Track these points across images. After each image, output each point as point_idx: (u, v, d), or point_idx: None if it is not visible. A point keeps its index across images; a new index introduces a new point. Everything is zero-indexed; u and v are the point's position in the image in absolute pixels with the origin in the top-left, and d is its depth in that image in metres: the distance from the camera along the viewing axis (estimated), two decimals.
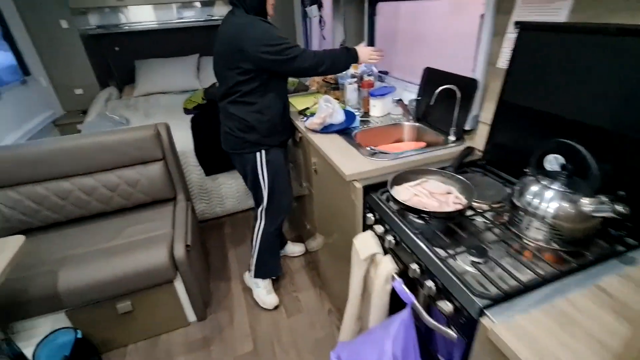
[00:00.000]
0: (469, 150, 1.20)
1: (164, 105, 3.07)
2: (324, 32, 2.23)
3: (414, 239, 0.90)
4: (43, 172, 1.64)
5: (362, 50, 1.46)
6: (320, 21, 2.13)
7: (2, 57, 2.51)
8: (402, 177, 1.09)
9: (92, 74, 3.04)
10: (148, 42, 3.51)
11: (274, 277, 1.92)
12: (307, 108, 1.79)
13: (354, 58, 1.45)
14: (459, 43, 1.51)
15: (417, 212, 0.94)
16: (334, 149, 1.34)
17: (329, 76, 2.14)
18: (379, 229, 1.03)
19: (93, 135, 1.72)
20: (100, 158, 1.71)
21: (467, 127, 1.32)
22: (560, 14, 0.91)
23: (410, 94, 1.67)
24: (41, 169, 1.63)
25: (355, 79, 1.82)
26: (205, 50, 3.57)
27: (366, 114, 1.70)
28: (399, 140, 1.60)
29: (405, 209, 0.97)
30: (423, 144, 1.46)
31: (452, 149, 1.27)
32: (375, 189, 1.13)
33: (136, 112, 2.92)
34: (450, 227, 0.91)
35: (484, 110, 1.19)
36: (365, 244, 1.05)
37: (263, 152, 1.55)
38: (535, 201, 0.84)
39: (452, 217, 0.92)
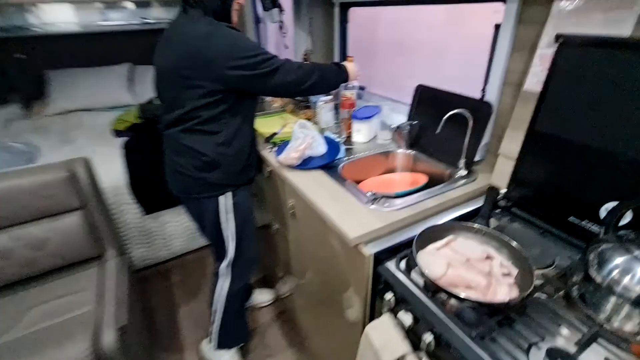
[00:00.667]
0: (495, 192, 0.97)
1: (87, 125, 2.50)
2: (286, 40, 1.92)
3: (466, 343, 0.62)
4: None
5: (351, 67, 1.21)
6: (281, 27, 1.82)
7: None
8: (426, 236, 0.81)
9: None
10: (64, 49, 2.88)
11: (242, 344, 1.54)
12: (275, 134, 1.45)
13: (344, 77, 1.20)
14: (460, 57, 1.29)
15: (464, 299, 0.67)
16: (321, 194, 1.03)
17: None
18: (406, 318, 0.73)
19: None
20: None
21: (477, 158, 1.10)
22: (622, 27, 0.71)
23: (395, 115, 1.42)
24: None
25: (330, 97, 1.53)
26: (139, 59, 3.04)
27: (348, 139, 1.42)
28: (390, 171, 1.34)
29: (442, 291, 0.69)
30: (423, 177, 1.21)
31: (465, 187, 1.04)
32: (388, 253, 0.84)
33: (49, 136, 2.33)
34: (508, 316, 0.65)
35: (506, 141, 0.97)
36: (387, 338, 0.75)
37: (229, 194, 1.20)
38: (625, 278, 0.62)
39: (511, 307, 0.66)
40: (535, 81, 0.87)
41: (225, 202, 1.20)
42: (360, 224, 0.87)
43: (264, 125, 1.58)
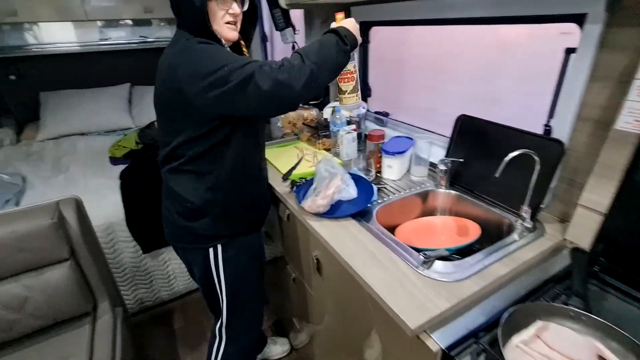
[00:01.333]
0: (583, 257, 0.78)
1: (82, 151, 2.33)
2: None
3: None
4: None
5: (349, 24, 0.87)
6: (293, 47, 1.67)
7: None
8: (509, 324, 0.62)
9: None
10: (60, 69, 2.74)
11: None
12: (292, 169, 1.28)
13: (350, 41, 0.85)
14: (508, 85, 1.12)
15: None
16: (357, 252, 0.85)
17: (308, 117, 1.66)
18: None
19: None
20: None
21: (543, 205, 0.92)
22: None
23: (426, 146, 1.24)
24: None
25: (352, 126, 1.36)
26: (139, 79, 2.89)
27: (377, 175, 1.24)
28: (428, 213, 1.16)
29: None
30: (472, 224, 1.02)
31: (536, 244, 0.85)
32: (457, 344, 0.65)
33: (40, 163, 2.15)
34: None
35: (590, 191, 0.79)
36: None
37: (219, 247, 1.01)
38: None
39: None
40: (632, 119, 0.70)
41: (214, 256, 1.02)
42: (418, 303, 0.68)
43: (276, 157, 1.40)
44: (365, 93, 1.60)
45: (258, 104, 0.79)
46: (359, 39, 0.90)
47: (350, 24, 0.87)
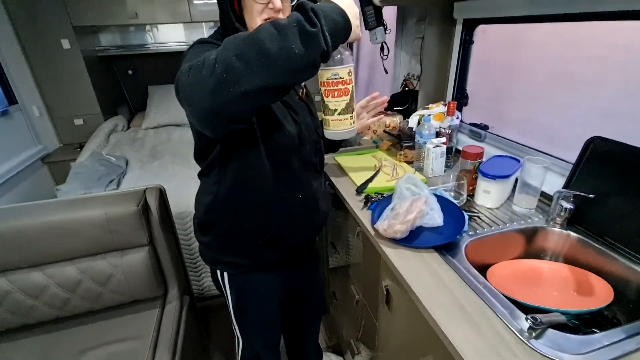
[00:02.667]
0: None
1: (175, 141, 2.55)
2: (387, 63, 1.63)
3: None
4: None
5: (344, 1, 0.60)
6: (382, 49, 1.54)
7: None
8: None
9: (96, 101, 2.57)
10: (167, 65, 3.06)
11: None
12: (369, 181, 1.16)
13: (318, 20, 0.54)
14: None
15: None
16: (437, 296, 0.69)
17: (391, 124, 1.52)
18: None
19: (48, 211, 1.15)
20: (52, 246, 1.13)
21: None
22: None
23: (543, 173, 0.99)
24: None
25: (442, 139, 1.18)
26: None
27: (468, 200, 1.05)
28: (533, 254, 0.93)
29: None
30: (598, 281, 0.78)
31: None
32: None
33: (141, 149, 2.41)
34: None
35: None
36: None
37: (225, 275, 0.93)
38: None
39: None
40: None
41: (222, 278, 0.94)
42: None
43: (351, 166, 1.30)
44: (461, 101, 1.39)
45: (183, 105, 0.60)
46: (355, 29, 0.60)
47: (346, 4, 0.59)
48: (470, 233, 0.89)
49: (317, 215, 0.94)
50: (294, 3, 0.75)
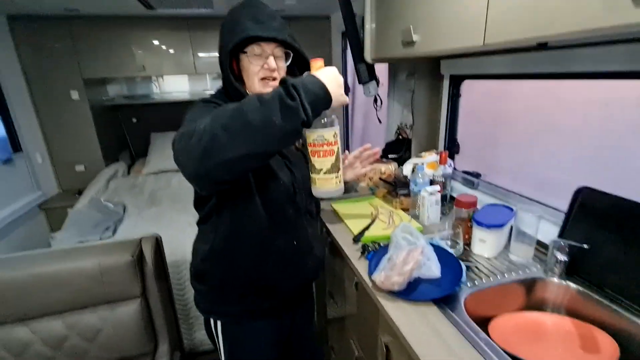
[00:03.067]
0: None
1: (174, 186, 2.58)
2: (380, 113, 1.71)
3: None
4: None
5: (323, 73, 0.64)
6: (375, 100, 1.63)
7: None
8: None
9: (98, 148, 2.64)
10: (170, 113, 3.18)
11: None
12: (365, 230, 1.16)
13: (298, 94, 0.59)
14: None
15: None
16: (439, 354, 0.67)
17: (386, 172, 1.56)
18: None
19: (35, 261, 1.13)
20: (41, 299, 1.10)
21: None
22: None
23: (537, 222, 1.00)
24: None
25: (436, 187, 1.21)
26: None
27: (465, 249, 1.05)
28: (535, 307, 0.91)
29: None
30: (603, 336, 0.76)
31: None
32: None
33: (140, 195, 2.43)
34: None
35: None
36: None
37: (219, 324, 0.93)
38: None
39: None
40: None
41: (214, 327, 0.94)
42: None
43: (348, 213, 1.31)
44: (452, 150, 1.44)
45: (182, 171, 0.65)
46: (339, 97, 0.64)
47: (328, 76, 0.63)
48: (468, 284, 0.88)
49: (311, 260, 0.96)
50: (288, 63, 0.82)
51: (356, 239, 1.12)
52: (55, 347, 1.12)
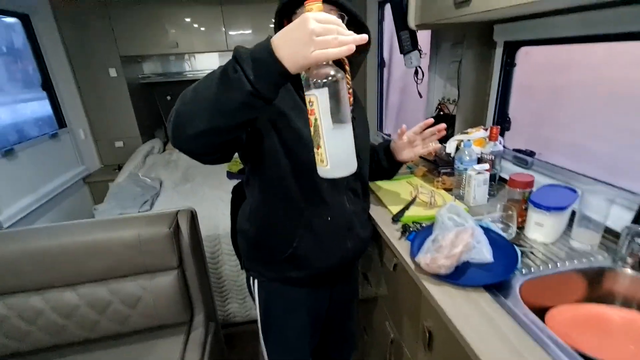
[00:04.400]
0: None
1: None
2: (420, 87, 1.60)
3: None
4: None
5: (286, 31, 0.52)
6: (416, 72, 1.51)
7: (34, 108, 2.25)
8: None
9: (135, 125, 2.71)
10: None
11: None
12: (405, 209, 1.10)
13: (244, 64, 0.53)
14: None
15: None
16: (494, 348, 0.61)
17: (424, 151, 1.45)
18: None
19: (81, 230, 1.17)
20: (86, 266, 1.15)
21: None
22: None
23: (607, 206, 0.89)
24: None
25: (485, 165, 1.11)
26: None
27: (518, 232, 0.95)
28: (599, 299, 0.81)
29: None
30: None
31: None
32: None
33: (175, 171, 2.48)
34: None
35: None
36: None
37: (256, 282, 0.96)
38: None
39: None
40: None
41: (252, 285, 0.97)
42: None
43: (384, 192, 1.24)
44: (503, 126, 1.32)
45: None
46: (296, 61, 0.52)
47: (286, 34, 0.52)
48: (524, 271, 0.80)
49: (351, 242, 0.92)
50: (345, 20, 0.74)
51: (395, 218, 1.06)
52: (100, 311, 1.17)
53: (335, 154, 0.60)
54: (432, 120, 0.89)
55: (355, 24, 0.76)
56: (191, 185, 2.20)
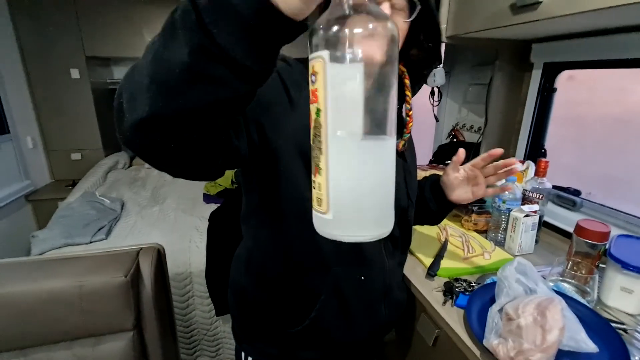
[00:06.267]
0: None
1: (181, 182, 2.28)
2: (429, 110, 1.42)
3: None
4: None
5: None
6: (433, 94, 1.34)
7: None
8: None
9: (98, 135, 2.36)
10: None
11: None
12: (439, 257, 0.86)
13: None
14: None
15: None
16: None
17: (491, 191, 1.25)
18: None
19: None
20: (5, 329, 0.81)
21: None
22: None
23: None
24: None
25: (534, 207, 0.91)
26: None
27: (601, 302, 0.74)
28: None
29: None
30: None
31: None
32: None
33: (141, 190, 2.14)
34: None
35: None
36: None
37: (249, 357, 0.70)
38: None
39: None
40: None
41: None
42: None
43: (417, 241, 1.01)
44: (536, 159, 1.14)
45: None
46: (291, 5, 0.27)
47: None
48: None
49: (386, 309, 0.68)
50: (412, 18, 0.52)
51: (431, 272, 0.82)
52: None
53: (349, 190, 0.30)
54: (500, 150, 0.67)
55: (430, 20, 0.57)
56: (160, 209, 1.87)
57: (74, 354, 0.86)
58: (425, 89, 1.37)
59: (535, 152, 1.16)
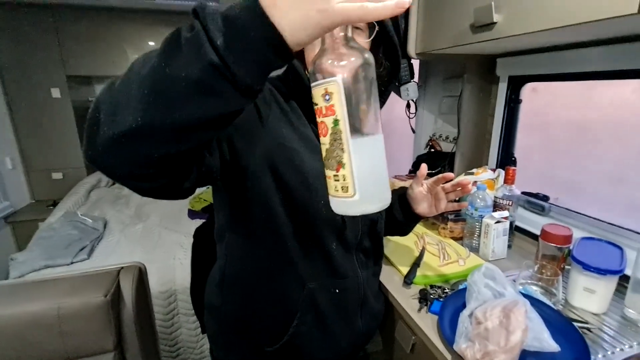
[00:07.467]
0: None
1: (165, 200, 2.27)
2: (407, 122, 1.47)
3: None
4: None
5: None
6: (408, 106, 1.39)
7: None
8: None
9: (80, 154, 2.33)
10: None
11: None
12: (416, 265, 0.89)
13: (209, 19, 0.31)
14: None
15: None
16: None
17: (450, 207, 1.29)
18: None
19: None
20: None
21: None
22: None
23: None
24: None
25: (504, 213, 0.95)
26: None
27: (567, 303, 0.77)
28: None
29: None
30: None
31: None
32: None
33: (124, 209, 2.12)
34: None
35: None
36: None
37: None
38: None
39: None
40: None
41: None
42: None
43: (387, 242, 1.04)
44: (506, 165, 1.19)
45: None
46: (306, 14, 0.30)
47: None
48: (600, 356, 0.61)
49: (363, 320, 0.70)
50: (370, 38, 0.56)
51: (407, 279, 0.84)
52: None
53: (366, 176, 0.39)
54: (451, 175, 0.70)
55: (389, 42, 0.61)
56: (143, 227, 1.85)
57: None
58: (402, 103, 1.42)
59: (507, 160, 1.21)
